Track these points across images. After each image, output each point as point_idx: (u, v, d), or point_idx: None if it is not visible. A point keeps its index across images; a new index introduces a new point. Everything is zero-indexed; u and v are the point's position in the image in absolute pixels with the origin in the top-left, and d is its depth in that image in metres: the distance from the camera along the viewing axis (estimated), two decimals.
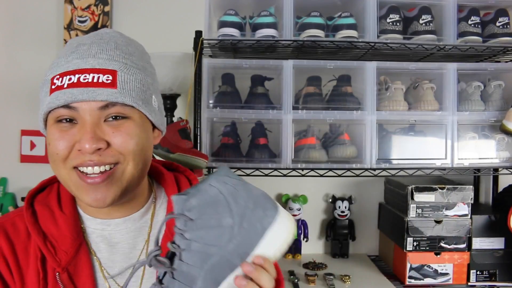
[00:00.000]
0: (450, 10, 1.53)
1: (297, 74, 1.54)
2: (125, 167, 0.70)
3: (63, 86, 0.67)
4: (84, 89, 0.66)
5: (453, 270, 1.58)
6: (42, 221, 0.74)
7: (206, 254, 0.57)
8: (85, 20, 2.03)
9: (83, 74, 0.67)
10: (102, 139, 0.67)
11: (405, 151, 1.57)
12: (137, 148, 0.70)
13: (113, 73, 0.68)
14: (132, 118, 0.70)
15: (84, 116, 0.67)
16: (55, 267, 0.71)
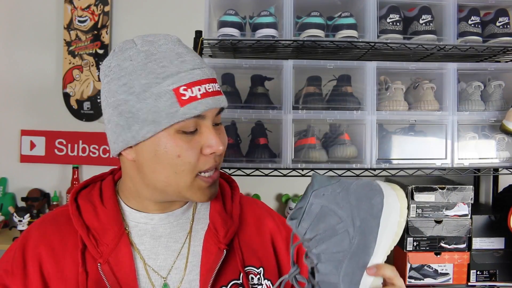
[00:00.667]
0: (450, 10, 1.53)
1: (297, 74, 1.54)
2: (219, 170, 0.79)
3: (196, 97, 0.71)
4: (215, 97, 0.73)
5: (453, 270, 1.59)
6: (85, 215, 0.77)
7: (337, 260, 0.61)
8: (85, 20, 2.03)
9: (206, 84, 0.73)
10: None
11: (405, 151, 1.57)
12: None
13: (216, 81, 0.76)
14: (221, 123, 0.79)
15: (208, 122, 0.74)
16: (96, 258, 0.74)
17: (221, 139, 0.75)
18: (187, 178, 0.73)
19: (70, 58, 2.04)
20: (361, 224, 0.61)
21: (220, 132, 0.77)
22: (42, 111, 2.07)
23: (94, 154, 2.06)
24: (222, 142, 0.74)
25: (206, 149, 0.73)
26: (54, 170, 2.07)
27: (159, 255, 0.78)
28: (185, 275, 0.78)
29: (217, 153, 0.74)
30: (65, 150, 2.06)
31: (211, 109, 0.72)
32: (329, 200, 0.63)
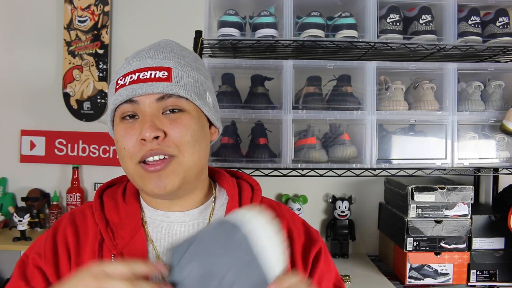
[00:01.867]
0: (450, 10, 1.53)
1: (297, 74, 1.54)
2: (181, 159, 0.75)
3: (125, 84, 0.75)
4: (143, 84, 0.74)
5: (453, 270, 1.59)
6: (107, 210, 0.82)
7: None
8: (85, 20, 2.03)
9: (142, 72, 0.75)
10: (160, 129, 0.73)
11: (405, 151, 1.57)
12: (192, 139, 0.76)
13: (169, 70, 0.76)
14: (188, 111, 0.77)
15: (144, 108, 0.74)
16: (111, 249, 0.77)
17: (164, 125, 0.73)
18: (129, 165, 0.75)
19: (70, 58, 2.04)
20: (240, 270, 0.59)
21: (171, 120, 0.75)
22: (42, 111, 2.06)
23: (94, 154, 2.06)
24: (154, 128, 0.72)
25: (138, 135, 0.74)
26: (54, 170, 2.07)
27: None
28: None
29: (145, 140, 0.72)
30: (65, 150, 2.06)
31: (144, 95, 0.74)
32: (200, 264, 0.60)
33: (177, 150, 0.74)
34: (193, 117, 0.77)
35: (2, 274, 2.06)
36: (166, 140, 0.74)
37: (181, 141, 0.74)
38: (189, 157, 0.75)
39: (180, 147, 0.74)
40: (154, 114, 0.74)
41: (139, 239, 0.78)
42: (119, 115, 0.77)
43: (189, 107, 0.77)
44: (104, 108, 2.04)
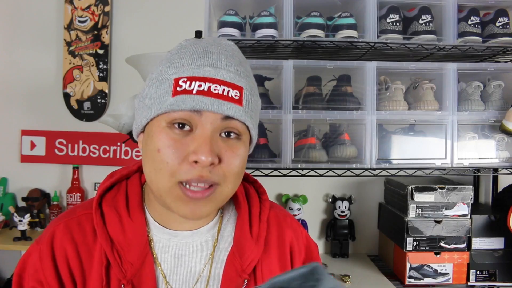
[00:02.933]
0: (450, 10, 1.53)
1: (297, 74, 1.54)
2: (223, 189, 0.68)
3: (191, 91, 0.64)
4: (215, 100, 0.65)
5: (453, 270, 1.59)
6: (110, 227, 0.72)
7: None
8: (85, 20, 2.03)
9: (214, 84, 0.65)
10: (216, 154, 0.65)
11: (405, 151, 1.57)
12: (241, 170, 0.70)
13: (241, 90, 0.67)
14: (243, 140, 0.69)
15: (206, 125, 0.65)
16: (120, 278, 0.69)
17: (220, 151, 0.66)
18: (165, 181, 0.65)
19: (70, 58, 2.04)
20: None
21: (227, 145, 0.67)
22: (42, 111, 2.07)
23: (94, 154, 2.06)
24: (213, 153, 0.64)
25: (191, 155, 0.64)
26: (54, 170, 2.08)
27: (180, 275, 0.73)
28: None
29: (200, 163, 0.63)
30: (65, 150, 2.06)
31: (209, 112, 0.64)
32: None
33: (223, 179, 0.67)
34: (246, 147, 0.70)
35: (2, 274, 2.06)
36: (218, 168, 0.66)
37: (231, 171, 0.67)
38: (231, 187, 0.69)
39: (227, 177, 0.67)
40: (213, 135, 0.65)
41: (148, 264, 0.71)
42: (168, 120, 0.66)
43: (245, 133, 0.69)
44: (104, 108, 2.04)
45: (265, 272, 0.76)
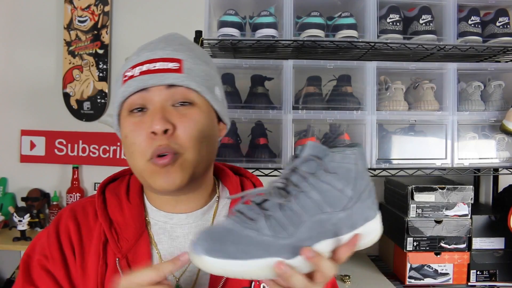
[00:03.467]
0: (450, 10, 1.53)
1: (297, 74, 1.54)
2: (187, 156, 0.72)
3: (134, 75, 0.73)
4: (154, 74, 0.72)
5: (453, 270, 1.58)
6: (110, 209, 0.79)
7: (320, 208, 0.58)
8: (85, 20, 2.03)
9: (153, 63, 0.73)
10: (169, 121, 0.71)
11: (405, 151, 1.57)
12: (201, 134, 0.73)
13: (179, 61, 0.74)
14: (198, 105, 0.74)
15: (154, 98, 0.72)
16: (116, 253, 0.75)
17: (173, 119, 0.71)
18: (139, 162, 0.72)
19: (70, 58, 2.04)
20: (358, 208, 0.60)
21: (180, 113, 0.72)
22: (42, 111, 2.07)
23: (94, 154, 2.06)
24: (164, 121, 0.69)
25: (148, 128, 0.70)
26: (54, 170, 2.07)
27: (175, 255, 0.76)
28: (197, 279, 0.76)
29: (156, 132, 0.69)
30: (65, 150, 2.06)
31: (152, 86, 0.71)
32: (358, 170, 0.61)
33: (183, 148, 0.72)
34: (203, 112, 0.75)
35: (2, 274, 2.06)
36: (175, 135, 0.71)
37: (190, 137, 0.72)
38: (196, 154, 0.73)
39: (186, 143, 0.72)
40: (163, 106, 0.72)
41: (143, 241, 0.76)
42: (127, 109, 0.74)
43: (199, 100, 0.75)
44: (104, 108, 2.04)
45: None
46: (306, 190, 0.58)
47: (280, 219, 0.57)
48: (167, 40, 0.78)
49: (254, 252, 0.55)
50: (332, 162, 0.59)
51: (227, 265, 0.55)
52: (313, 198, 0.58)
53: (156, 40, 0.79)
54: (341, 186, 0.59)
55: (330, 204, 0.58)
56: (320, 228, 0.58)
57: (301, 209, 0.57)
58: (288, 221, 0.57)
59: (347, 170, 0.60)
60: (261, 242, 0.56)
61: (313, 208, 0.58)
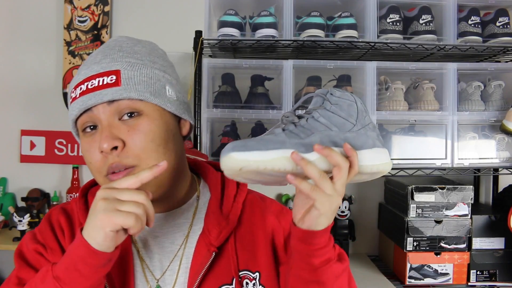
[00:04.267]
0: (450, 10, 1.53)
1: (297, 74, 1.54)
2: (144, 168, 0.69)
3: (76, 97, 0.72)
4: (92, 93, 0.70)
5: (453, 270, 1.58)
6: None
7: (328, 128, 0.67)
8: (85, 20, 2.03)
9: (90, 81, 0.71)
10: (117, 137, 0.69)
11: (405, 151, 1.57)
12: (155, 143, 0.71)
13: (117, 73, 0.71)
14: (146, 113, 0.72)
15: (99, 116, 0.71)
16: None
17: (123, 133, 0.69)
18: (99, 179, 0.72)
19: (70, 58, 2.04)
20: (363, 135, 0.69)
21: (129, 126, 0.70)
22: (42, 111, 2.06)
23: None
24: (111, 139, 0.68)
25: (99, 148, 0.69)
26: (54, 170, 2.07)
27: (155, 254, 0.77)
28: (177, 278, 0.76)
29: (105, 151, 0.68)
30: (65, 150, 2.06)
31: (96, 106, 0.70)
32: (360, 108, 0.71)
33: (137, 160, 0.69)
34: (153, 119, 0.72)
35: (2, 274, 2.06)
36: (125, 151, 0.69)
37: (142, 149, 0.70)
38: (154, 163, 0.70)
39: (140, 155, 0.69)
40: (110, 123, 0.70)
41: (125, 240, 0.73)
42: (80, 128, 0.73)
43: (146, 108, 0.71)
44: None
45: (240, 248, 0.79)
46: (315, 116, 0.69)
47: (293, 130, 0.67)
48: (106, 49, 0.75)
49: (272, 145, 0.63)
50: (334, 97, 0.70)
51: (248, 156, 0.62)
52: (321, 122, 0.68)
53: (95, 52, 0.77)
54: (344, 115, 0.69)
55: (336, 126, 0.68)
56: (329, 139, 0.66)
57: (310, 126, 0.68)
58: (301, 131, 0.67)
59: (348, 104, 0.70)
60: (278, 140, 0.65)
61: (321, 126, 0.68)
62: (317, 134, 0.67)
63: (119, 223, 0.61)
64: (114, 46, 0.76)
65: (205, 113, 1.50)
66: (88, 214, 0.64)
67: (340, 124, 0.68)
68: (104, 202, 0.62)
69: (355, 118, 0.69)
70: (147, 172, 0.64)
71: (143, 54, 0.76)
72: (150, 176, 0.64)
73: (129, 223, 0.61)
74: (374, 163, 0.69)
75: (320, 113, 0.69)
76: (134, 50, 0.75)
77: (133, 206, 0.62)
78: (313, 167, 0.62)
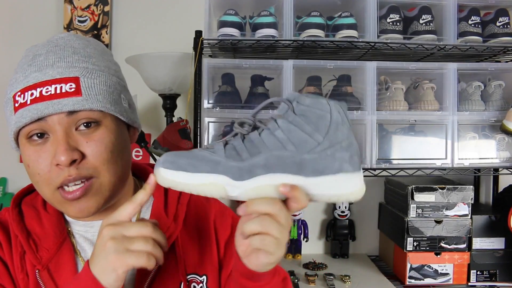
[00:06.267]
0: (450, 10, 1.53)
1: (297, 74, 1.54)
2: (101, 180, 0.69)
3: (26, 103, 0.65)
4: (49, 102, 0.65)
5: (453, 270, 1.58)
6: (28, 220, 0.75)
7: (282, 146, 0.57)
8: (85, 20, 2.03)
9: (45, 86, 0.65)
10: (76, 149, 0.66)
11: (405, 151, 1.57)
12: (112, 155, 0.69)
13: (76, 80, 0.67)
14: (104, 123, 0.69)
15: (54, 127, 0.66)
16: (35, 264, 0.70)
17: (80, 145, 0.66)
18: (46, 190, 0.68)
19: None
20: (328, 156, 0.58)
21: (87, 137, 0.67)
22: None
23: None
24: (70, 151, 0.64)
25: (53, 159, 0.65)
26: None
27: None
28: (124, 285, 0.73)
29: (60, 165, 0.65)
30: None
31: (52, 114, 0.65)
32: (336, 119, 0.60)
33: (96, 171, 0.68)
34: (110, 130, 0.70)
35: None
36: (84, 162, 0.67)
37: (100, 161, 0.68)
38: (111, 176, 0.69)
39: (99, 167, 0.68)
40: (67, 133, 0.66)
41: (66, 251, 0.72)
42: (25, 135, 0.67)
43: (105, 118, 0.69)
44: None
45: (187, 251, 0.77)
46: (272, 128, 0.59)
47: (237, 146, 0.59)
48: (57, 49, 0.69)
49: (203, 167, 0.56)
50: (301, 105, 0.59)
51: (175, 176, 0.56)
52: (277, 136, 0.58)
53: (43, 50, 0.69)
54: (309, 130, 0.58)
55: (294, 144, 0.57)
56: (279, 162, 0.57)
57: (261, 142, 0.58)
58: (245, 148, 0.58)
59: (318, 116, 0.58)
60: (212, 160, 0.57)
61: (275, 144, 0.58)
62: (263, 155, 0.57)
63: (132, 264, 0.59)
64: (65, 47, 0.70)
65: (205, 113, 1.50)
66: (95, 252, 0.61)
67: (299, 142, 0.57)
68: (114, 242, 0.59)
69: (323, 133, 0.58)
70: (142, 193, 0.61)
71: (98, 58, 0.72)
72: (146, 197, 0.61)
73: (142, 263, 0.59)
74: (332, 192, 0.58)
75: (280, 124, 0.58)
76: (88, 53, 0.71)
77: (142, 244, 0.59)
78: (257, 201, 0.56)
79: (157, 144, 1.45)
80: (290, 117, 0.59)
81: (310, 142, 0.58)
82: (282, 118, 0.59)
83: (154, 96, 1.78)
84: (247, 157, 0.57)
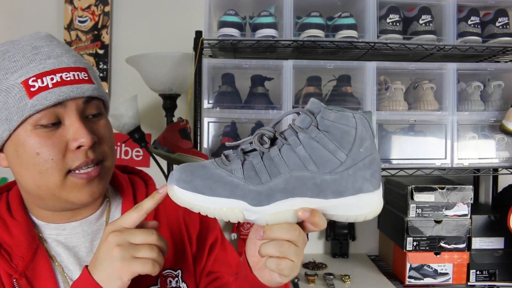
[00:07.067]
0: (450, 10, 1.54)
1: (297, 74, 1.54)
2: (107, 163, 0.73)
3: (48, 87, 0.65)
4: (72, 86, 0.67)
5: (453, 270, 1.59)
6: None
7: (304, 165, 0.55)
8: (85, 20, 2.03)
9: (63, 72, 0.67)
10: (93, 133, 0.70)
11: (405, 151, 1.57)
12: (113, 143, 0.75)
13: (85, 70, 0.71)
14: (104, 116, 0.75)
15: (72, 112, 0.68)
16: (12, 273, 0.68)
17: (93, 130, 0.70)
18: (55, 178, 0.67)
19: None
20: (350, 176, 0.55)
21: (96, 125, 0.71)
22: None
23: None
24: (91, 134, 0.67)
25: (72, 142, 0.67)
26: None
27: (76, 265, 0.74)
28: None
29: (85, 146, 0.67)
30: None
31: (71, 99, 0.67)
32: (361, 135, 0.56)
33: (105, 155, 0.72)
34: (107, 120, 0.75)
35: None
36: (97, 146, 0.70)
37: (109, 146, 0.73)
38: (112, 160, 0.74)
39: (108, 151, 0.72)
40: (82, 119, 0.69)
41: (41, 257, 0.71)
42: (33, 123, 0.66)
43: (104, 109, 0.75)
44: None
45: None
46: (293, 143, 0.56)
47: (256, 165, 0.55)
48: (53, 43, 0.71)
49: (220, 191, 0.54)
50: (325, 120, 0.56)
51: (191, 198, 0.55)
52: (298, 153, 0.55)
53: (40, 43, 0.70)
54: (333, 147, 0.55)
55: (316, 164, 0.55)
56: (299, 184, 0.54)
57: (281, 160, 0.55)
58: (265, 169, 0.55)
59: (343, 132, 0.55)
60: (230, 182, 0.55)
61: (295, 163, 0.55)
62: (283, 176, 0.54)
63: (138, 271, 0.59)
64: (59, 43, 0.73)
65: (205, 113, 1.51)
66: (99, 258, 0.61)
67: (322, 162, 0.55)
68: (120, 249, 0.59)
69: (347, 150, 0.55)
70: (149, 201, 0.62)
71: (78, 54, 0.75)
72: (153, 205, 0.62)
73: (147, 270, 0.60)
74: (351, 214, 0.57)
75: (302, 140, 0.56)
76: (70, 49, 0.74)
77: (148, 251, 0.60)
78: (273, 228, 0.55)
79: (157, 144, 1.46)
80: (313, 132, 0.56)
81: (333, 162, 0.55)
82: (304, 132, 0.56)
83: (154, 96, 1.78)
84: (266, 180, 0.55)
